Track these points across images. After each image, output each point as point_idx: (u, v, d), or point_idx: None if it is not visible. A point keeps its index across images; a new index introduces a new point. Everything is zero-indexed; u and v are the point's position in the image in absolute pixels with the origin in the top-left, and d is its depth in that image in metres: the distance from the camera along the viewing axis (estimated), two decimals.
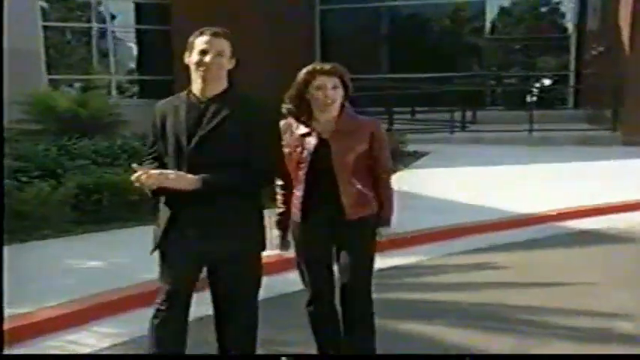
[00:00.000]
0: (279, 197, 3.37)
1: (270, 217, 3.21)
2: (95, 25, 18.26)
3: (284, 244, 3.38)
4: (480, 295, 4.97)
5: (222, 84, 2.92)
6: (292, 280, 3.34)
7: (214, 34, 2.89)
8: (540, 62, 19.65)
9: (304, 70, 3.16)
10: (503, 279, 5.40)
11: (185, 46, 2.95)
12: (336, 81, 3.13)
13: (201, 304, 3.14)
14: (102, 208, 6.86)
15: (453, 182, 9.36)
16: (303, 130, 3.19)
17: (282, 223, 3.37)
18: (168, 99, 3.03)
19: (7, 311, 4.18)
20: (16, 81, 12.83)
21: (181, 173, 2.81)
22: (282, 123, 3.21)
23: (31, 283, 4.92)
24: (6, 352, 3.89)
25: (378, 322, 3.24)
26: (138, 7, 18.70)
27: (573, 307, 4.65)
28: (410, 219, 6.24)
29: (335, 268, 3.31)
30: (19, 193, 6.40)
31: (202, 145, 2.83)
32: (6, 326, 4.02)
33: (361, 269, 3.24)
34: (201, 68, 2.85)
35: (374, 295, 3.26)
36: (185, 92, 2.96)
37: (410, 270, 5.57)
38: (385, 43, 20.28)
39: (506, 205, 7.68)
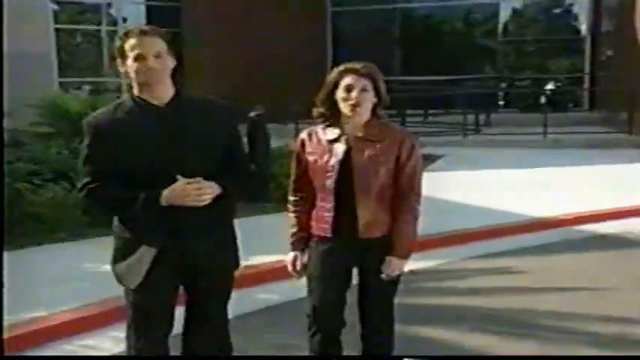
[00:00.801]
0: (293, 215, 3.10)
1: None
2: (105, 27, 18.30)
3: (300, 268, 3.10)
4: (498, 300, 4.92)
5: (170, 87, 2.65)
6: (302, 285, 3.25)
7: (144, 33, 2.58)
8: (554, 64, 19.52)
9: (335, 70, 2.95)
10: (520, 284, 5.34)
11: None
12: (366, 83, 2.87)
13: None
14: None
15: (468, 185, 9.29)
16: (330, 135, 2.95)
17: (298, 245, 3.10)
18: (103, 110, 2.68)
19: (23, 314, 4.19)
20: (28, 84, 12.89)
21: (207, 182, 2.58)
22: (304, 132, 3.05)
23: (47, 286, 4.90)
24: (23, 353, 3.88)
25: (396, 327, 3.19)
26: (149, 10, 18.74)
27: (591, 312, 4.61)
28: (425, 222, 6.14)
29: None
30: (34, 196, 6.39)
31: (184, 155, 2.60)
32: (21, 330, 4.03)
33: (382, 296, 3.05)
34: (142, 75, 2.56)
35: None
36: (127, 99, 2.66)
37: (427, 274, 5.52)
38: (397, 45, 20.21)
39: (523, 209, 7.61)
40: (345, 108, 2.88)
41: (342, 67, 2.92)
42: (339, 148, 2.92)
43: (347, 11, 19.27)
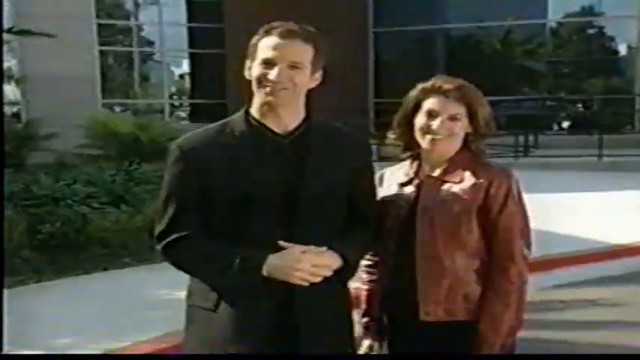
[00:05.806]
0: (365, 287, 2.37)
1: None
2: (137, 49, 18.40)
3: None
4: (595, 334, 4.64)
5: (300, 111, 2.04)
6: None
7: (287, 34, 1.96)
8: (605, 84, 19.06)
9: (419, 86, 2.22)
10: (613, 317, 5.07)
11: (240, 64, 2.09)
12: (460, 108, 2.16)
13: None
14: None
15: (530, 210, 8.97)
16: (403, 176, 2.24)
17: (371, 331, 2.34)
18: (199, 132, 2.07)
19: (104, 345, 4.02)
20: (72, 106, 12.91)
21: (327, 254, 1.95)
22: (376, 175, 2.30)
23: (123, 314, 4.73)
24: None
25: None
26: (191, 31, 18.85)
27: None
28: None
29: None
30: (99, 220, 6.25)
31: (305, 204, 1.96)
32: None
33: None
34: (265, 89, 1.96)
35: None
36: (239, 120, 2.04)
37: None
38: (441, 66, 19.98)
39: (594, 235, 7.26)
40: (421, 139, 2.18)
41: (428, 84, 2.20)
42: (411, 194, 2.19)
43: (388, 32, 19.08)
